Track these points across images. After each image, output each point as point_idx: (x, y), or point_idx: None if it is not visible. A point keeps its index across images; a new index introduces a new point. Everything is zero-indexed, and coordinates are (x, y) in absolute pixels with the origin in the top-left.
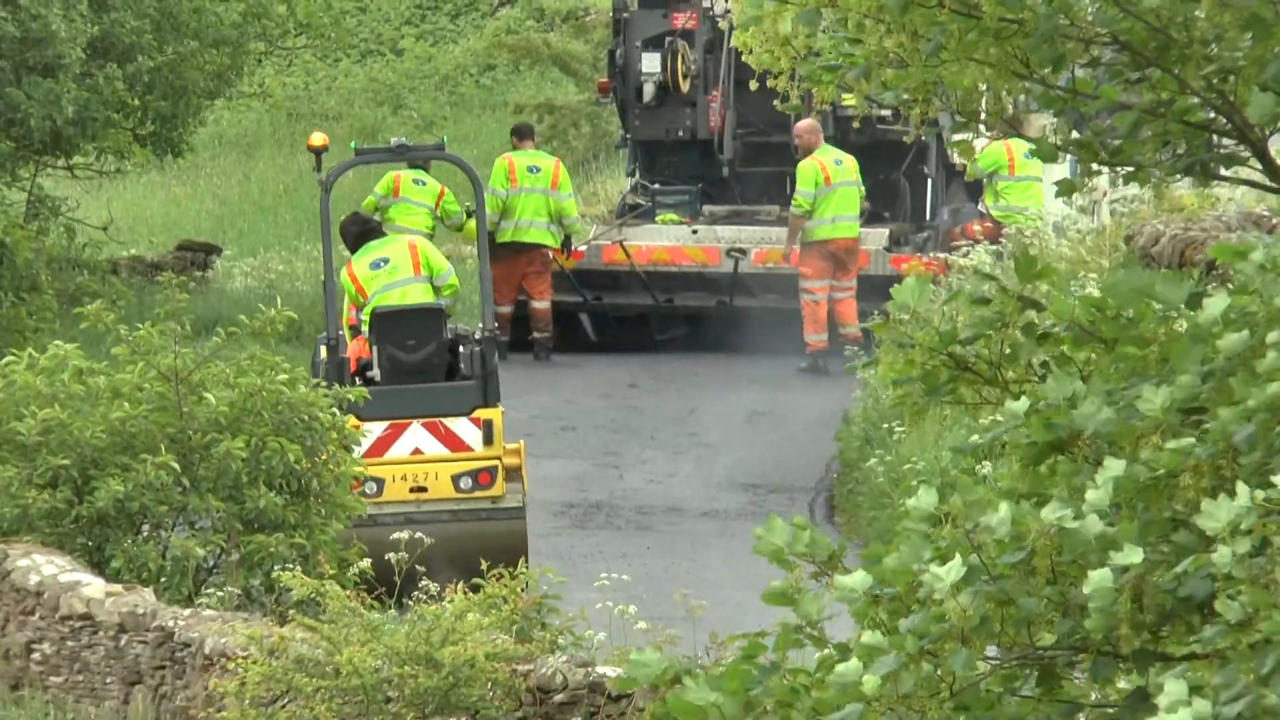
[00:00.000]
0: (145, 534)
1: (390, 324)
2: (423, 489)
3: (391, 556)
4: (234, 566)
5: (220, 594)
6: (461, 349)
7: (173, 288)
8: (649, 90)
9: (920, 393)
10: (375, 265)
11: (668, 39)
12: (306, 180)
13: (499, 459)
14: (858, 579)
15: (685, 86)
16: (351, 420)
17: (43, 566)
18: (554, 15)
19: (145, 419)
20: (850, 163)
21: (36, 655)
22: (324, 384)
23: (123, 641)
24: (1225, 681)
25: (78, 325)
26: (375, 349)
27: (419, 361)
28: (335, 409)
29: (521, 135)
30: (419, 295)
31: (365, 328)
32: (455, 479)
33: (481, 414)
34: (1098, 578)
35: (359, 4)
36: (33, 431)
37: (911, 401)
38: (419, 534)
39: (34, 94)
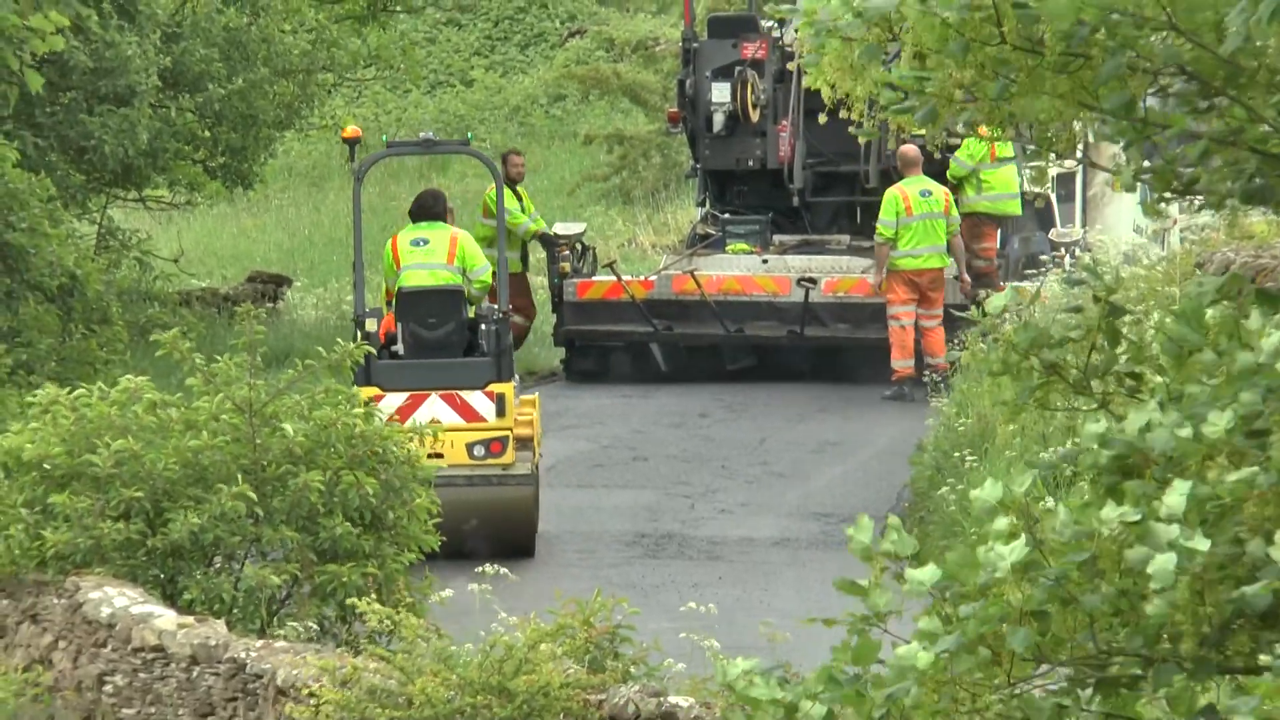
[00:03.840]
0: (218, 565)
1: (414, 303)
2: (439, 455)
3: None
4: (306, 597)
5: (295, 625)
6: (482, 327)
7: (250, 319)
8: (719, 120)
9: (1011, 390)
10: (415, 243)
11: (737, 69)
12: (376, 211)
13: (510, 429)
14: (926, 572)
15: (755, 116)
16: (372, 392)
17: (115, 598)
18: (624, 45)
19: (219, 450)
20: (941, 194)
21: (109, 687)
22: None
23: (195, 673)
24: None
25: (149, 358)
26: (400, 325)
27: (439, 338)
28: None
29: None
30: (443, 282)
31: (394, 303)
32: (469, 447)
33: (495, 388)
34: (1162, 560)
35: (428, 35)
36: (106, 463)
37: (1005, 401)
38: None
39: (109, 122)
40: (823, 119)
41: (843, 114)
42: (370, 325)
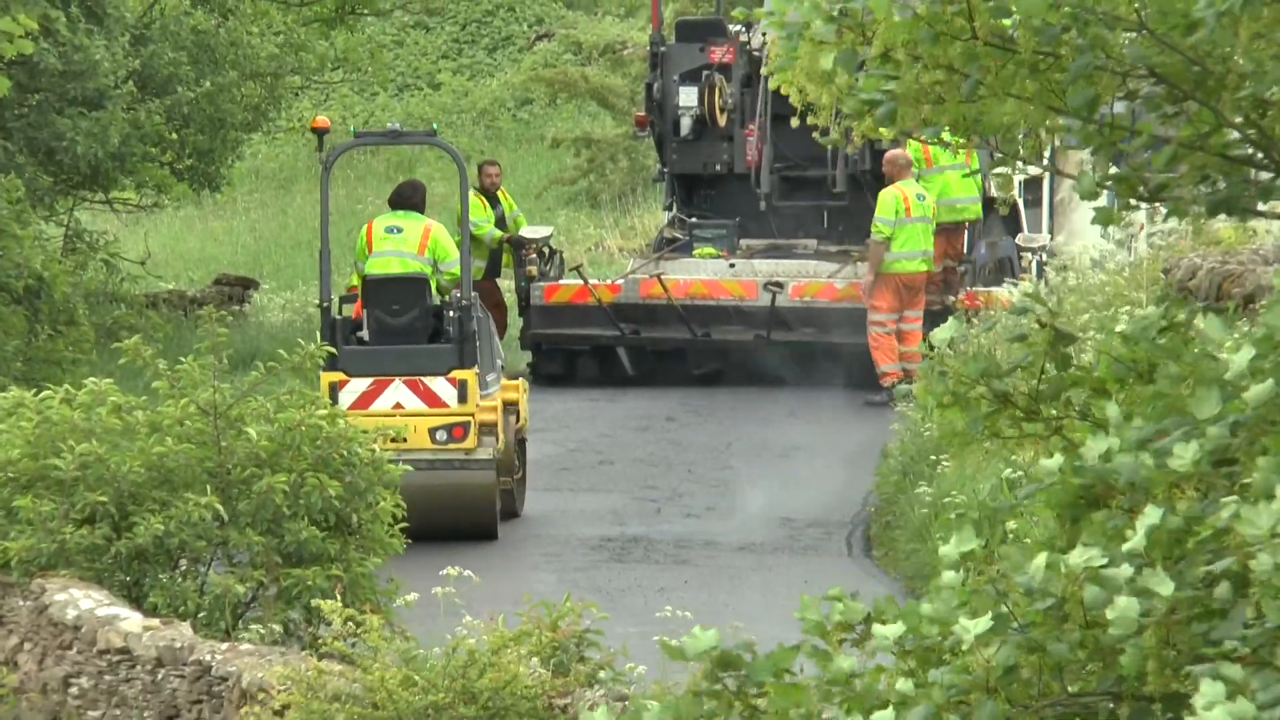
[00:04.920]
0: (183, 569)
1: (379, 290)
2: (402, 439)
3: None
4: (272, 600)
5: (260, 629)
6: (449, 315)
7: (213, 322)
8: (686, 124)
9: (961, 421)
10: (389, 230)
11: (705, 73)
12: (343, 213)
13: (472, 415)
14: (892, 629)
15: (722, 120)
16: (337, 377)
17: (80, 601)
18: (591, 49)
19: (184, 454)
20: (930, 200)
21: (74, 689)
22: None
23: (160, 676)
24: (1264, 684)
25: (115, 360)
26: (365, 312)
27: (403, 325)
28: (375, 445)
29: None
30: (410, 270)
31: (360, 289)
32: (432, 431)
33: (457, 374)
34: (1122, 605)
35: (395, 38)
36: (70, 466)
37: (955, 433)
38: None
39: (79, 125)
40: (794, 123)
41: (809, 119)
42: (348, 310)
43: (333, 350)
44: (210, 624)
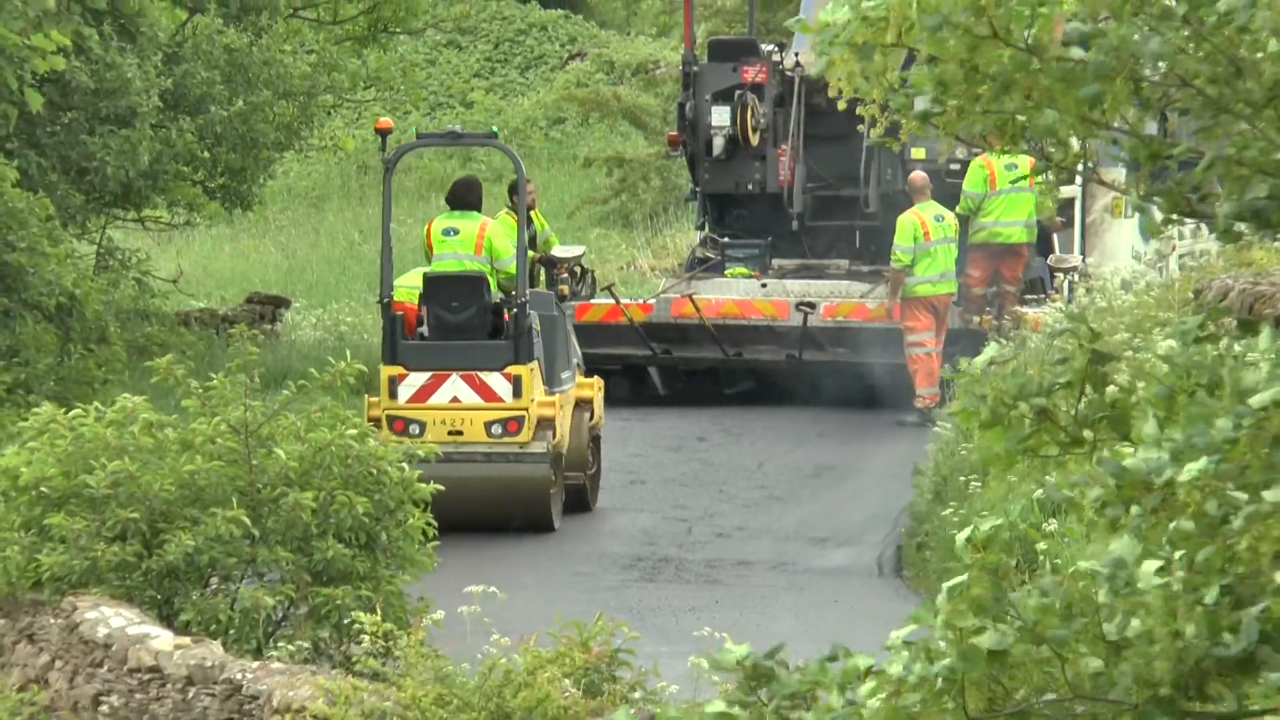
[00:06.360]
0: (214, 586)
1: (438, 288)
2: (459, 432)
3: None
4: (302, 619)
5: (289, 646)
6: (509, 311)
7: (244, 340)
8: (719, 143)
9: (1002, 443)
10: (446, 232)
11: (737, 92)
12: (375, 234)
13: (526, 410)
14: (902, 630)
15: (755, 140)
16: (396, 370)
17: (111, 619)
18: (624, 68)
19: (215, 472)
20: (951, 219)
21: (104, 708)
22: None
23: (191, 694)
24: None
25: (147, 378)
26: (425, 309)
27: (461, 321)
28: (404, 463)
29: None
30: (469, 269)
31: (422, 287)
32: (487, 425)
33: (512, 370)
34: (1148, 566)
35: (428, 57)
36: (102, 484)
37: (996, 453)
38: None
39: (110, 143)
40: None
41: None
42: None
43: (363, 368)
44: (240, 641)
